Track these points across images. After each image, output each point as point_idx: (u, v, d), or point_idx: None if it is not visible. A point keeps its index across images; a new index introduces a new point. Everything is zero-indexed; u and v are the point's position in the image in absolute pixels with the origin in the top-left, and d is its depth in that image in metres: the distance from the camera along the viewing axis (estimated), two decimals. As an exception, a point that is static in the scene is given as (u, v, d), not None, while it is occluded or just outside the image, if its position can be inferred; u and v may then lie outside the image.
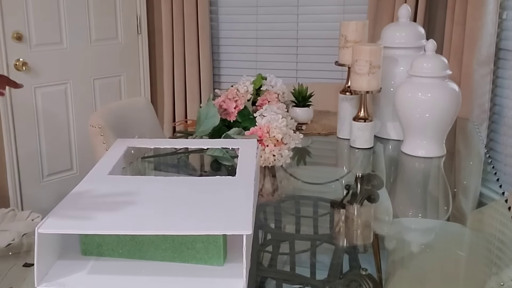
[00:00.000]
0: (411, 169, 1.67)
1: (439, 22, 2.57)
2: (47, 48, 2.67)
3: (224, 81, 3.11)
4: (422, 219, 1.31)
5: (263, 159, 1.58)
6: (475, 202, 1.43)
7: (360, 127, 1.72)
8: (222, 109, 1.79)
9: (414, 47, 1.79)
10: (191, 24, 2.96)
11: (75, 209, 0.94)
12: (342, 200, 1.38)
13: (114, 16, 2.95)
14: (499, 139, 2.46)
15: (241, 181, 1.08)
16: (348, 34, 1.79)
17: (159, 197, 1.01)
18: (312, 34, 2.88)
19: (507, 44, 2.40)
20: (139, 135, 1.93)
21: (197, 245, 0.93)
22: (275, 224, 1.27)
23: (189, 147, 1.68)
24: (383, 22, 2.49)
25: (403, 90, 1.65)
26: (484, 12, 2.31)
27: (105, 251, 0.96)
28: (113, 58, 2.98)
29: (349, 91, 1.81)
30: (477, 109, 2.41)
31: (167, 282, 0.89)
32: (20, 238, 1.83)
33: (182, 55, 3.03)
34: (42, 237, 0.87)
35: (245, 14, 3.00)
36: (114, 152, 1.28)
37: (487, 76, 2.39)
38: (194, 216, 0.92)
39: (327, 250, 1.12)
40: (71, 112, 2.80)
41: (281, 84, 1.97)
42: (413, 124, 1.63)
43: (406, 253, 1.14)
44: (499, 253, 1.12)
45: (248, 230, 0.85)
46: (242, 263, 0.87)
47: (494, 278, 1.00)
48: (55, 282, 0.88)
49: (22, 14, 2.54)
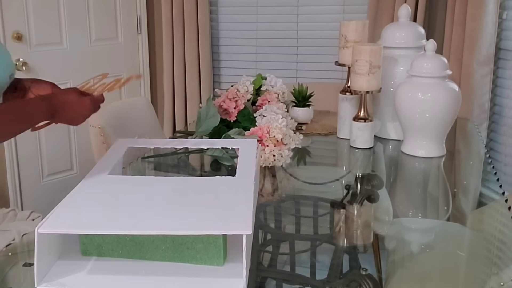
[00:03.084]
0: (411, 169, 1.67)
1: (439, 22, 2.57)
2: (47, 48, 2.66)
3: (224, 81, 3.11)
4: (422, 219, 1.31)
5: (263, 159, 1.58)
6: (475, 202, 1.43)
7: (360, 127, 1.72)
8: (222, 109, 1.79)
9: (414, 47, 1.79)
10: (191, 24, 2.96)
11: (75, 209, 0.94)
12: (342, 200, 1.38)
13: (114, 16, 2.95)
14: (499, 139, 2.46)
15: (241, 181, 1.08)
16: (348, 34, 1.79)
17: (159, 197, 1.01)
18: (312, 34, 2.88)
19: (507, 44, 2.40)
20: (139, 135, 1.93)
21: (197, 245, 0.93)
22: (275, 224, 1.27)
23: (189, 147, 1.68)
24: (383, 22, 2.49)
25: (403, 90, 1.65)
26: (484, 12, 2.31)
27: (105, 251, 0.96)
28: (113, 58, 2.98)
29: (349, 91, 1.81)
30: (477, 109, 2.41)
31: (167, 282, 0.89)
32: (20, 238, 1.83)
33: (182, 55, 3.02)
34: (42, 237, 0.87)
35: (245, 14, 3.00)
36: (114, 152, 1.28)
37: (487, 76, 2.39)
38: (194, 216, 0.92)
39: (327, 250, 1.12)
40: (71, 112, 2.79)
41: (281, 84, 1.97)
42: (413, 124, 1.63)
43: (406, 253, 1.14)
44: (499, 253, 1.12)
45: (248, 230, 0.85)
46: (242, 263, 0.87)
47: (494, 278, 1.00)
48: (55, 282, 0.88)
49: (22, 14, 2.54)
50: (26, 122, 1.07)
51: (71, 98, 1.14)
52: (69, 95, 1.14)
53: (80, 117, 1.15)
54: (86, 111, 1.15)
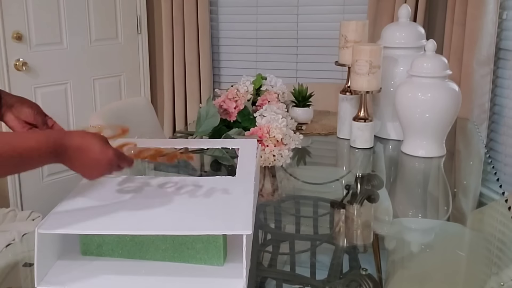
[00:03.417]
0: (411, 169, 1.67)
1: (439, 22, 2.57)
2: (47, 48, 2.66)
3: (224, 81, 3.11)
4: (422, 219, 1.31)
5: (263, 159, 1.58)
6: (475, 202, 1.43)
7: (360, 127, 1.72)
8: (222, 109, 1.79)
9: (414, 47, 1.79)
10: (191, 24, 2.96)
11: (75, 209, 0.94)
12: (342, 200, 1.38)
13: (114, 16, 2.95)
14: (499, 139, 2.46)
15: (241, 181, 1.08)
16: (348, 34, 1.79)
17: (159, 197, 1.01)
18: (312, 34, 2.88)
19: (507, 44, 2.40)
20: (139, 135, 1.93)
21: (197, 245, 0.92)
22: (275, 224, 1.27)
23: (189, 147, 1.68)
24: (383, 22, 2.49)
25: (403, 90, 1.65)
26: (484, 12, 2.31)
27: (105, 251, 0.96)
28: (113, 58, 2.98)
29: (349, 91, 1.81)
30: (477, 109, 2.41)
31: (167, 282, 0.89)
32: (20, 238, 1.83)
33: (182, 55, 3.03)
34: (42, 237, 0.87)
35: (245, 14, 3.00)
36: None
37: (487, 76, 2.39)
38: (194, 216, 0.92)
39: (327, 250, 1.12)
40: (71, 112, 2.79)
41: (281, 84, 1.97)
42: (413, 124, 1.63)
43: (406, 253, 1.14)
44: (499, 253, 1.12)
45: (248, 230, 0.85)
46: (242, 263, 0.87)
47: (494, 278, 1.00)
48: (55, 282, 0.88)
49: (22, 14, 2.54)
50: (18, 167, 0.83)
51: (89, 142, 0.88)
52: (88, 138, 0.89)
53: (95, 170, 0.91)
54: (106, 165, 0.90)
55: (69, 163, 0.89)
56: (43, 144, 0.84)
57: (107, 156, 0.89)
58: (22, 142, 0.83)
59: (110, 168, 0.91)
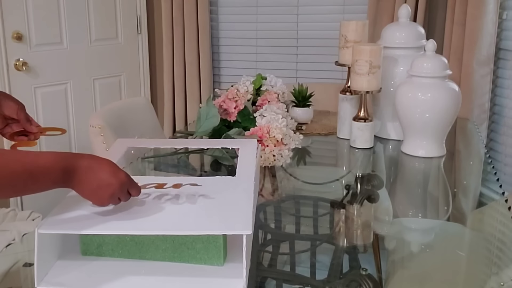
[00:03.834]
0: (411, 169, 1.67)
1: (439, 22, 2.57)
2: (47, 48, 2.66)
3: (224, 81, 3.11)
4: (422, 219, 1.31)
5: (263, 159, 1.58)
6: (475, 202, 1.43)
7: (360, 127, 1.72)
8: (222, 109, 1.79)
9: (414, 47, 1.79)
10: (191, 24, 2.96)
11: (75, 209, 0.94)
12: (342, 200, 1.38)
13: (114, 16, 2.95)
14: (499, 139, 2.46)
15: (241, 181, 1.08)
16: (348, 34, 1.79)
17: (159, 197, 1.01)
18: (312, 34, 2.88)
19: (507, 44, 2.40)
20: (139, 135, 1.93)
21: (197, 245, 0.93)
22: (275, 224, 1.27)
23: (189, 147, 1.68)
24: (383, 22, 2.49)
25: (403, 90, 1.65)
26: (484, 12, 2.31)
27: (105, 251, 0.96)
28: (113, 58, 2.98)
29: (349, 91, 1.81)
30: (477, 109, 2.41)
31: (167, 282, 0.89)
32: (20, 238, 1.83)
33: (182, 55, 3.02)
34: (42, 237, 0.87)
35: (245, 14, 3.00)
36: (114, 152, 1.28)
37: (487, 76, 2.39)
38: (194, 216, 0.92)
39: (327, 250, 1.12)
40: (71, 112, 2.80)
41: (281, 84, 1.97)
42: (413, 124, 1.63)
43: (406, 253, 1.14)
44: (499, 253, 1.12)
45: (248, 230, 0.85)
46: (242, 263, 0.87)
47: (494, 278, 1.00)
48: (55, 282, 0.88)
49: (22, 14, 2.54)
50: (26, 186, 0.81)
51: (101, 163, 0.86)
52: (99, 160, 0.87)
53: (105, 193, 0.86)
54: (117, 189, 0.86)
55: (79, 186, 0.86)
56: (53, 163, 0.82)
57: (118, 179, 0.87)
58: (32, 159, 0.81)
59: (121, 192, 0.88)
